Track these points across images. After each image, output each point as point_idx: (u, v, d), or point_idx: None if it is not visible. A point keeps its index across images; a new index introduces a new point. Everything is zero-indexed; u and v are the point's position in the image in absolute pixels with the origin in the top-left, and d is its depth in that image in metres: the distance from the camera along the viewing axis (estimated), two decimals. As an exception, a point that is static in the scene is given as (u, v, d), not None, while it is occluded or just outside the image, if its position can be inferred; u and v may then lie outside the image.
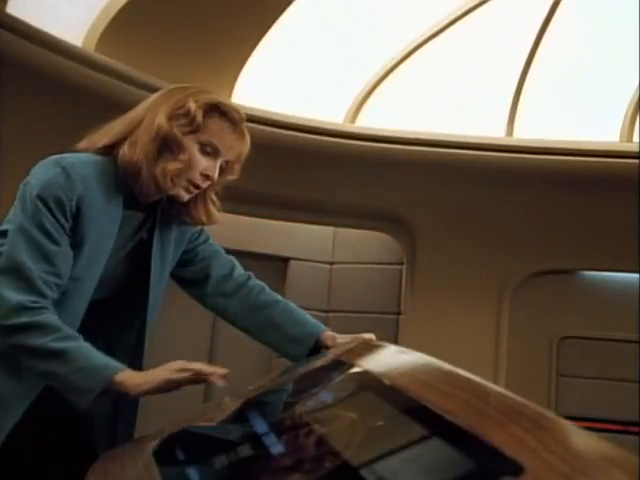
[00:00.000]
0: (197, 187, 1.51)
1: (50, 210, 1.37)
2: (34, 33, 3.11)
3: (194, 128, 1.47)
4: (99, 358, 1.37)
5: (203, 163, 1.49)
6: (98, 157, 1.47)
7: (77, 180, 1.40)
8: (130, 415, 1.57)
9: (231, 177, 1.59)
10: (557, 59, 4.17)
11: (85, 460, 1.29)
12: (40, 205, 1.37)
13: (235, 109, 1.53)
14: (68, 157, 1.44)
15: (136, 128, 1.48)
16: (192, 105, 1.47)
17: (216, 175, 1.51)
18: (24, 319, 1.34)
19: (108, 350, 1.54)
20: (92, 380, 1.33)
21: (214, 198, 1.60)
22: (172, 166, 1.46)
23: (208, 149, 1.49)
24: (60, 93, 3.31)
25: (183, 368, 1.37)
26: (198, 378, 1.38)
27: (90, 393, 1.33)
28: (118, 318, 1.55)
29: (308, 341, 1.60)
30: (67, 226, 1.39)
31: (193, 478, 1.10)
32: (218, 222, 1.60)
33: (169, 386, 1.37)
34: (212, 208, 1.59)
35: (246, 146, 1.55)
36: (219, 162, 1.51)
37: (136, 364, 1.56)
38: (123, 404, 1.55)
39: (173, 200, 1.53)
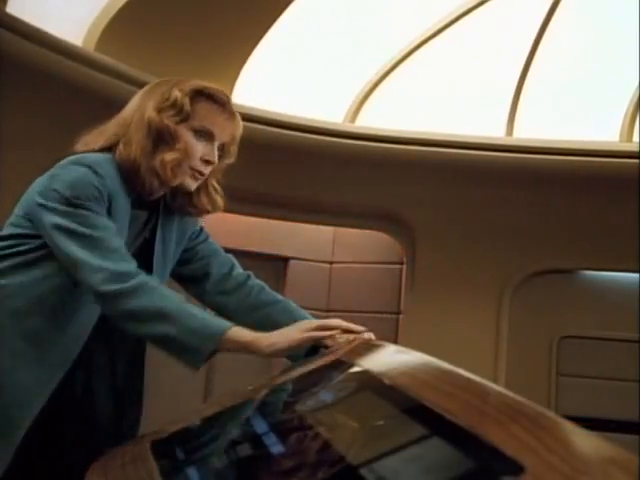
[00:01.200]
0: (201, 174, 1.52)
1: (90, 208, 1.38)
2: (34, 33, 3.11)
3: (184, 116, 1.49)
4: (209, 318, 1.37)
5: (201, 149, 1.50)
6: (110, 156, 1.47)
7: (106, 177, 1.41)
8: (134, 415, 1.57)
9: (229, 161, 1.60)
10: (557, 59, 4.17)
11: (89, 460, 1.29)
12: (76, 203, 1.36)
13: (220, 90, 1.54)
14: (87, 157, 1.44)
15: (127, 128, 1.49)
16: (178, 94, 1.49)
17: (216, 159, 1.52)
18: (133, 282, 1.34)
19: (110, 346, 1.53)
20: (205, 341, 1.31)
21: (216, 186, 1.61)
22: (170, 156, 1.47)
23: (202, 134, 1.50)
24: (60, 93, 3.31)
25: (322, 327, 1.36)
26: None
27: (202, 354, 1.31)
28: None
29: (308, 340, 1.60)
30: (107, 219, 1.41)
31: (192, 477, 1.10)
32: (221, 209, 1.61)
33: (302, 345, 1.37)
34: (215, 196, 1.60)
35: (239, 126, 1.57)
36: (216, 145, 1.52)
37: (137, 364, 1.56)
38: (127, 403, 1.55)
39: (177, 192, 1.54)
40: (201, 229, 1.69)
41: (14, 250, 1.41)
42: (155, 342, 1.35)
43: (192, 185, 1.52)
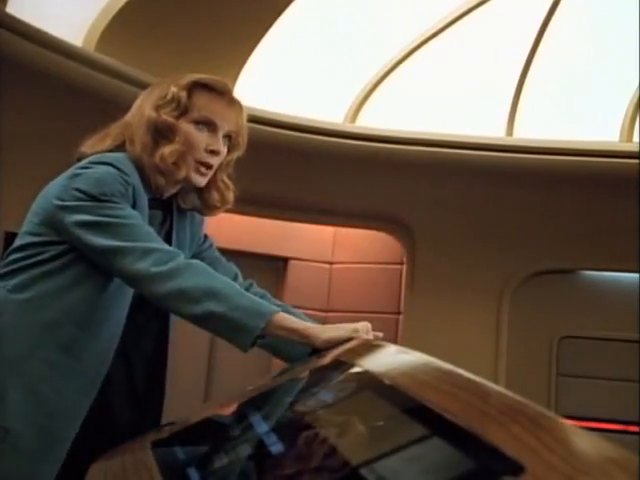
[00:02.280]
0: (208, 166, 1.50)
1: (118, 202, 1.37)
2: (34, 33, 3.11)
3: (183, 110, 1.48)
4: (259, 300, 1.37)
5: (204, 139, 1.49)
6: (126, 154, 1.47)
7: (129, 174, 1.41)
8: (153, 422, 1.55)
9: (238, 153, 1.59)
10: (557, 59, 4.17)
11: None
12: (104, 199, 1.36)
13: (218, 79, 1.54)
14: (108, 155, 1.44)
15: (129, 129, 1.49)
16: (174, 89, 1.49)
17: (222, 148, 1.51)
18: (182, 261, 1.34)
19: (125, 355, 1.52)
20: (254, 318, 1.30)
21: (227, 181, 1.59)
22: (169, 149, 1.46)
23: (204, 124, 1.50)
24: (60, 93, 3.31)
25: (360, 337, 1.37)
26: None
27: (251, 332, 1.29)
28: (133, 324, 1.51)
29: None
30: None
31: (193, 477, 1.10)
32: (231, 204, 1.60)
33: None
34: (225, 191, 1.59)
35: (241, 114, 1.55)
36: (221, 135, 1.51)
37: (157, 372, 1.55)
38: (147, 412, 1.54)
39: (188, 191, 1.54)
40: (205, 236, 1.69)
41: (35, 260, 1.39)
42: (203, 320, 1.32)
43: (200, 180, 1.50)
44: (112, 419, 1.49)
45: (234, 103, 1.54)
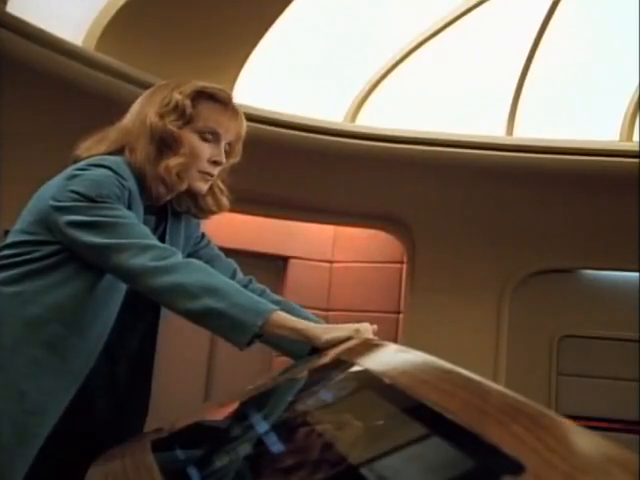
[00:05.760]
0: (210, 175, 1.51)
1: (113, 204, 1.37)
2: (35, 32, 3.11)
3: (187, 119, 1.48)
4: (258, 298, 1.36)
5: (208, 150, 1.49)
6: (124, 158, 1.47)
7: (127, 178, 1.41)
8: (137, 421, 1.55)
9: (234, 160, 1.59)
10: (557, 59, 4.17)
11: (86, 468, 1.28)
12: (100, 201, 1.36)
13: (221, 89, 1.53)
14: (106, 158, 1.44)
15: (129, 135, 1.48)
16: (178, 97, 1.48)
17: (224, 159, 1.51)
18: (181, 258, 1.35)
19: (109, 352, 1.51)
20: (252, 315, 1.29)
21: (222, 186, 1.60)
22: (174, 162, 1.46)
23: (208, 135, 1.50)
24: (61, 92, 3.31)
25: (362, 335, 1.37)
26: None
27: (249, 329, 1.29)
28: (120, 322, 1.51)
29: (308, 339, 1.59)
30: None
31: (193, 477, 1.10)
32: (227, 209, 1.61)
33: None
34: (220, 196, 1.59)
35: (243, 124, 1.56)
36: (223, 145, 1.51)
37: (142, 370, 1.54)
38: (130, 410, 1.54)
39: (183, 195, 1.54)
40: (203, 234, 1.69)
41: (26, 257, 1.39)
42: (200, 317, 1.31)
43: (203, 187, 1.51)
44: (92, 416, 1.48)
45: (237, 114, 1.54)
